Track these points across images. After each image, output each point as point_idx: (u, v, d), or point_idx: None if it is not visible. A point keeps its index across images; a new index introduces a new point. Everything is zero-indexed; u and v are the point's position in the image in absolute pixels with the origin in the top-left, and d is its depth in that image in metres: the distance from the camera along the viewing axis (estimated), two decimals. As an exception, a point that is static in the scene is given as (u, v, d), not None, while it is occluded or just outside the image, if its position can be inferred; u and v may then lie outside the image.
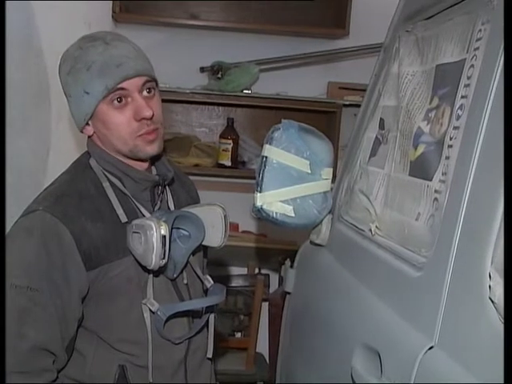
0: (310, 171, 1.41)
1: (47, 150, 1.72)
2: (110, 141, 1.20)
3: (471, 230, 0.88)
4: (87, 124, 1.21)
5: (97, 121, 1.19)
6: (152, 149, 1.21)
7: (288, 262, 1.75)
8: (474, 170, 0.89)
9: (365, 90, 1.58)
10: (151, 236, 1.12)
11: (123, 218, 1.20)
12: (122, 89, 1.16)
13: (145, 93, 1.19)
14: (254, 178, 1.42)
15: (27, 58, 1.53)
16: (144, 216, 1.22)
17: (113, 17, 2.63)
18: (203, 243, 1.30)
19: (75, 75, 1.17)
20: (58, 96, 1.76)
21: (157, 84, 1.23)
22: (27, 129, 1.56)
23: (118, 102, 1.17)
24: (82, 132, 1.25)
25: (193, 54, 2.73)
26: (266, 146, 1.38)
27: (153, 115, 1.18)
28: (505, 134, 0.78)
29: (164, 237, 1.14)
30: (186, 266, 1.28)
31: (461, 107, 0.98)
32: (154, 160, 1.30)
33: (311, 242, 1.58)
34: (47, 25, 1.64)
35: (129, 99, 1.17)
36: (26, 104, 1.53)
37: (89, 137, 1.25)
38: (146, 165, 1.27)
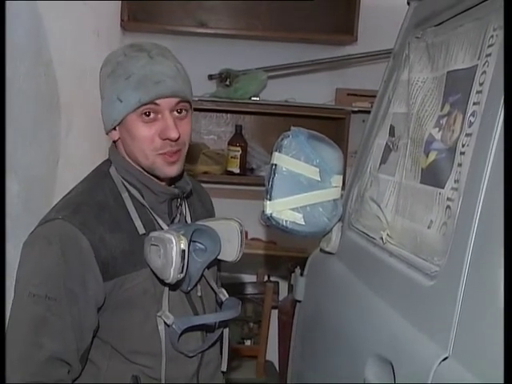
0: (319, 179, 1.40)
1: (57, 160, 1.72)
2: (132, 151, 1.20)
3: (485, 238, 0.86)
4: (114, 129, 1.21)
5: (123, 129, 1.20)
6: (171, 170, 1.20)
7: (298, 270, 1.74)
8: (487, 177, 0.88)
9: (373, 97, 1.57)
10: (171, 250, 1.11)
11: (141, 230, 1.19)
12: (155, 105, 1.16)
13: (175, 113, 1.19)
14: (262, 184, 1.41)
15: (37, 68, 1.53)
16: (161, 228, 1.22)
17: (121, 25, 2.65)
18: (218, 257, 1.30)
19: (113, 80, 1.17)
20: (67, 106, 1.77)
21: (191, 106, 1.22)
22: (37, 138, 1.56)
23: (147, 116, 1.17)
24: (107, 134, 1.25)
25: (201, 61, 2.73)
26: (276, 154, 1.37)
27: (178, 138, 1.17)
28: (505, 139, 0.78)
29: (183, 251, 1.13)
30: (200, 279, 1.28)
31: (473, 114, 0.97)
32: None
33: (321, 250, 1.57)
34: (56, 34, 1.65)
35: (158, 116, 1.17)
36: (36, 114, 1.54)
37: (113, 142, 1.25)
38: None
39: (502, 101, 0.87)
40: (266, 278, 2.90)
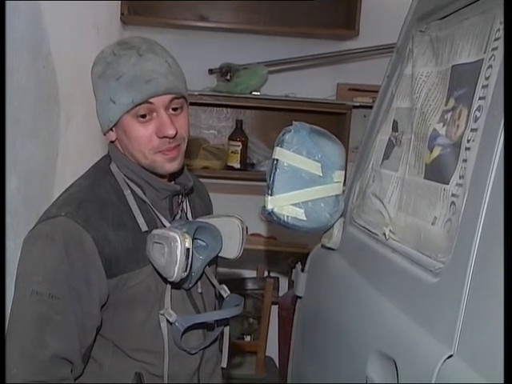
0: (321, 174, 1.39)
1: (56, 154, 1.71)
2: (131, 151, 1.19)
3: (491, 235, 0.85)
4: (111, 130, 1.20)
5: (120, 130, 1.18)
6: (171, 166, 1.19)
7: (299, 266, 1.73)
8: (493, 172, 0.86)
9: (375, 91, 1.56)
10: (175, 248, 1.10)
11: (144, 227, 1.18)
12: (149, 104, 1.14)
13: (171, 110, 1.17)
14: (263, 180, 1.40)
15: (36, 62, 1.52)
16: (163, 225, 1.21)
17: (121, 19, 2.63)
18: (219, 254, 1.29)
19: (105, 81, 1.15)
20: (66, 100, 1.76)
21: (186, 100, 1.21)
22: (36, 133, 1.54)
23: (142, 116, 1.15)
24: (104, 135, 1.23)
25: (201, 55, 2.72)
26: (277, 149, 1.36)
27: (176, 134, 1.16)
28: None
29: (188, 250, 1.12)
30: (201, 276, 1.27)
31: (479, 109, 0.96)
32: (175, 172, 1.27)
33: (322, 246, 1.56)
34: (56, 28, 1.63)
35: (154, 114, 1.16)
36: (35, 107, 1.52)
37: (111, 142, 1.24)
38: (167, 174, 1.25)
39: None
40: (265, 273, 2.90)
